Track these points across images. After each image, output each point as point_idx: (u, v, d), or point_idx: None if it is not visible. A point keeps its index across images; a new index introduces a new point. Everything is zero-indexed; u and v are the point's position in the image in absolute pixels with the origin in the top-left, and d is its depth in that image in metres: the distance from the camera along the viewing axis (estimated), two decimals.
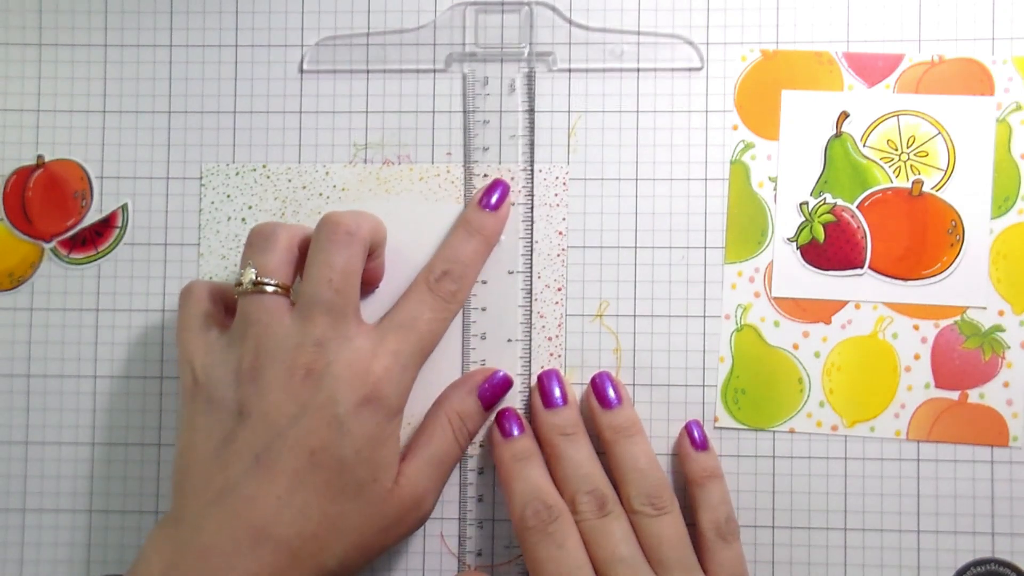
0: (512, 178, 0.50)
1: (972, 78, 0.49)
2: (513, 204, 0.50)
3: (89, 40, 0.51)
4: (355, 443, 0.44)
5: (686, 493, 0.48)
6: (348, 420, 0.44)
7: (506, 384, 0.49)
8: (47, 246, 0.51)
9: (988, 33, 0.49)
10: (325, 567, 0.43)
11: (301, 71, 0.51)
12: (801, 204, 0.49)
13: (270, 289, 0.45)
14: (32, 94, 0.51)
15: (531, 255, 0.50)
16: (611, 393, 0.48)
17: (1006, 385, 0.48)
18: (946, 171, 0.49)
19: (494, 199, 0.49)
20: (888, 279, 0.49)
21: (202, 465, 0.44)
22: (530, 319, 0.50)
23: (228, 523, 0.42)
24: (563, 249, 0.50)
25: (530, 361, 0.49)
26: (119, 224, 0.51)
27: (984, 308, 0.49)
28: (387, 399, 0.45)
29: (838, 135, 0.49)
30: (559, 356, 0.49)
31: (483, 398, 0.48)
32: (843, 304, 0.49)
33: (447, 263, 0.48)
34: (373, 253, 0.47)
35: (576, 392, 0.49)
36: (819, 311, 0.49)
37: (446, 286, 0.48)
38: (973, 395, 0.48)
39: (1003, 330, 0.48)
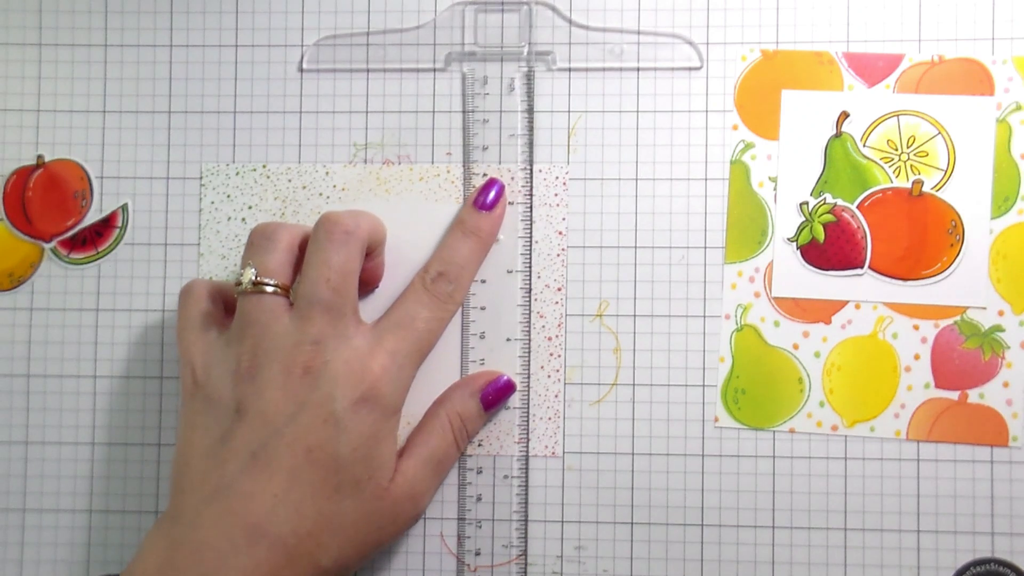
0: (512, 178, 0.50)
1: (972, 78, 0.49)
2: (512, 203, 0.50)
3: (89, 40, 0.51)
4: (351, 441, 0.44)
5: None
6: (345, 418, 0.44)
7: (509, 389, 0.49)
8: (47, 246, 0.51)
9: (988, 33, 0.49)
10: (320, 564, 0.44)
11: (301, 71, 0.51)
12: (801, 204, 0.49)
13: (269, 289, 0.45)
14: (32, 94, 0.51)
15: (530, 254, 0.50)
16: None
17: (1006, 385, 0.48)
18: (946, 171, 0.49)
19: (489, 199, 0.49)
20: (888, 279, 0.49)
21: (199, 463, 0.44)
22: (529, 319, 0.50)
23: (224, 520, 0.42)
24: (563, 249, 0.50)
25: (529, 361, 0.49)
26: (119, 224, 0.51)
27: (984, 308, 0.48)
28: (384, 398, 0.45)
29: (838, 135, 0.49)
30: (559, 356, 0.49)
31: (485, 401, 0.48)
32: (843, 304, 0.49)
33: (443, 264, 0.48)
34: (372, 253, 0.47)
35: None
36: (819, 311, 0.49)
37: (442, 287, 0.48)
38: (973, 395, 0.48)
39: (1003, 330, 0.48)
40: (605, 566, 0.49)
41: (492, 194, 0.49)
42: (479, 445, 0.49)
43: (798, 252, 0.49)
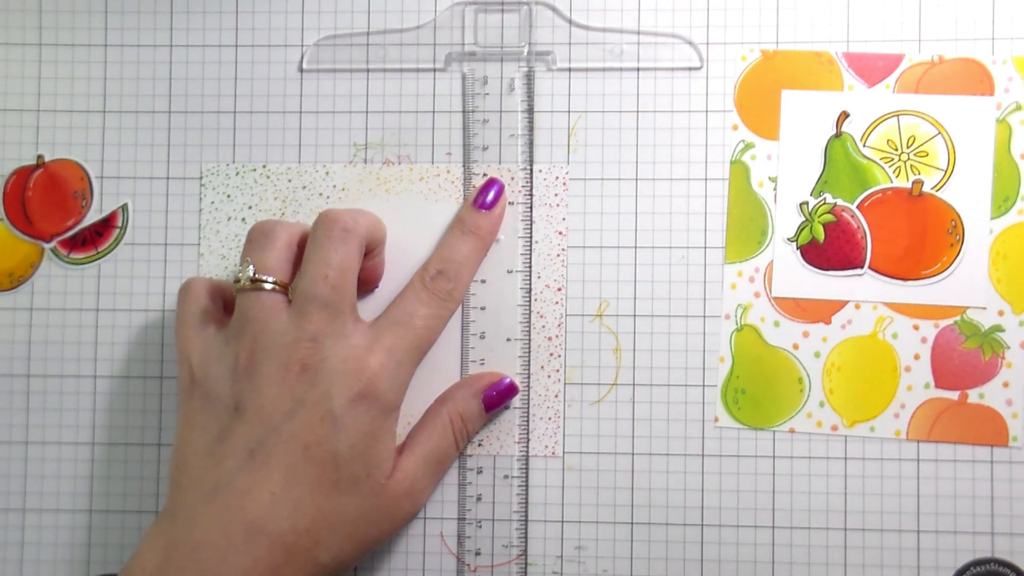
0: (512, 178, 0.50)
1: (972, 78, 0.49)
2: (512, 203, 0.50)
3: (89, 40, 0.51)
4: (349, 438, 0.44)
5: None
6: (342, 415, 0.44)
7: (511, 391, 0.49)
8: (47, 246, 0.51)
9: (988, 33, 0.49)
10: (319, 561, 0.44)
11: (301, 71, 0.51)
12: (801, 204, 0.49)
13: (268, 286, 0.45)
14: (32, 94, 0.51)
15: (530, 254, 0.50)
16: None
17: (1006, 385, 0.48)
18: (946, 171, 0.49)
19: (489, 198, 0.49)
20: (888, 279, 0.49)
21: (197, 460, 0.44)
22: (529, 319, 0.50)
23: (221, 518, 0.42)
24: (563, 249, 0.50)
25: (529, 361, 0.49)
26: (119, 224, 0.51)
27: (984, 308, 0.48)
28: (382, 395, 0.45)
29: (838, 135, 0.49)
30: (559, 356, 0.49)
31: (487, 403, 0.49)
32: (843, 304, 0.49)
33: (442, 263, 0.48)
34: (372, 252, 0.47)
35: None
36: (819, 311, 0.49)
37: (441, 285, 0.48)
38: (973, 395, 0.48)
39: (1003, 330, 0.48)
40: (605, 566, 0.49)
41: (492, 194, 0.49)
42: (479, 445, 0.49)
43: (798, 252, 0.49)
